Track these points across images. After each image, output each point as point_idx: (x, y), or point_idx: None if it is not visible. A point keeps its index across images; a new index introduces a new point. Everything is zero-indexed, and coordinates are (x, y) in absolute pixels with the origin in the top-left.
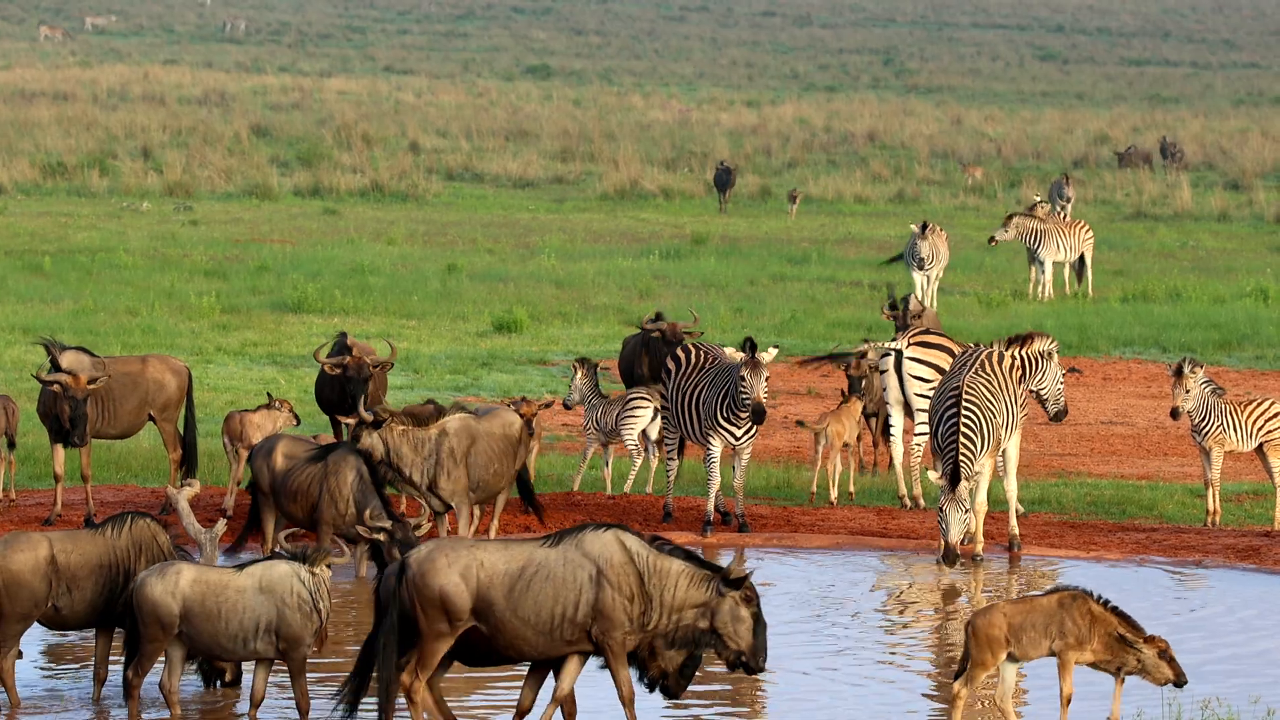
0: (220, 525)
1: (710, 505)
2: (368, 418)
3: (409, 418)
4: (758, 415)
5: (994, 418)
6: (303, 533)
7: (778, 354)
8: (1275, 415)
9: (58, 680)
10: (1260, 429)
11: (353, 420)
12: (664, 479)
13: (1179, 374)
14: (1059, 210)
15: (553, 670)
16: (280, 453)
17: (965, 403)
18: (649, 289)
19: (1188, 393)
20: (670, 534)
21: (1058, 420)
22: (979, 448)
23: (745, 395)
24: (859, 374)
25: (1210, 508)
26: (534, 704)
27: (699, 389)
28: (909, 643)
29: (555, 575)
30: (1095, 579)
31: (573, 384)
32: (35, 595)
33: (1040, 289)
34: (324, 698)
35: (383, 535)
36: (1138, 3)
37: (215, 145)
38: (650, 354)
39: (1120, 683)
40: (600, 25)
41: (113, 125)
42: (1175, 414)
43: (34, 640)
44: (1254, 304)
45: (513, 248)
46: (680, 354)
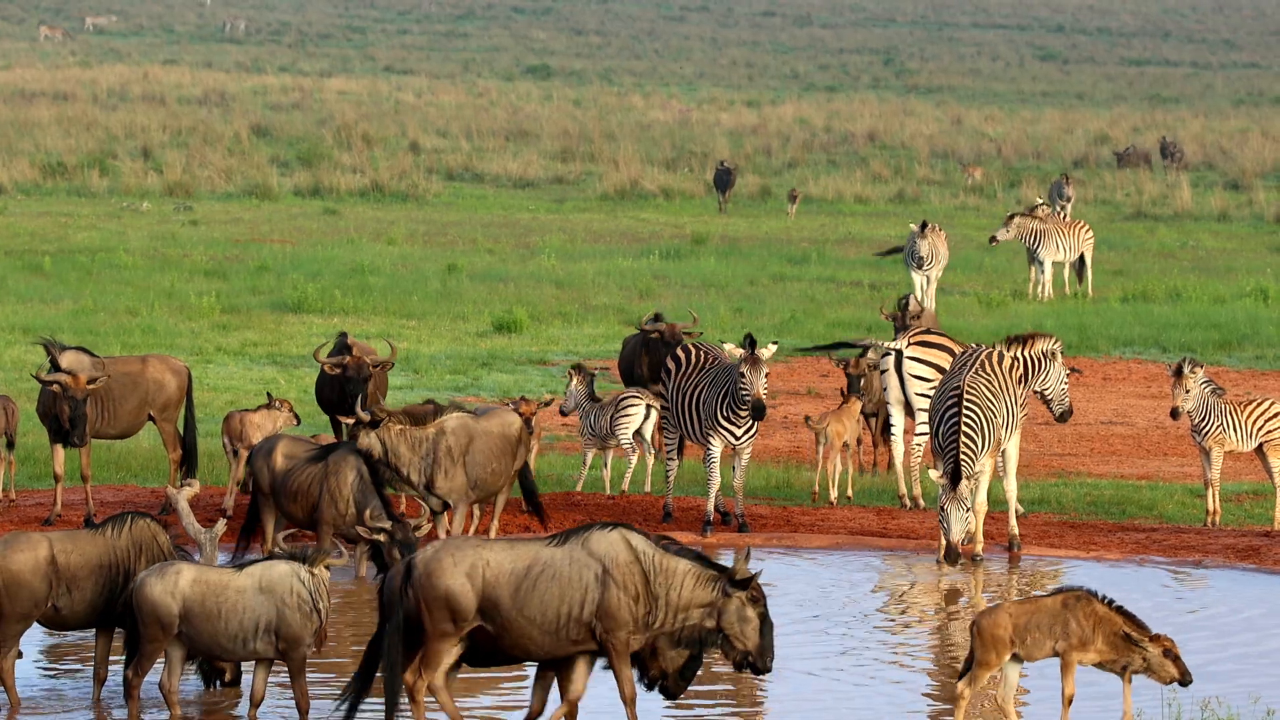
0: (220, 525)
1: (710, 505)
2: (365, 417)
3: (406, 417)
4: (757, 412)
5: (994, 417)
6: (302, 533)
7: (777, 350)
8: (1275, 415)
9: (58, 680)
10: (1260, 429)
11: (351, 420)
12: (662, 479)
13: (1179, 374)
14: (1059, 210)
15: (557, 678)
16: (280, 453)
17: (966, 402)
18: (649, 289)
19: (1188, 393)
20: (669, 534)
21: (1063, 420)
22: (980, 446)
23: (745, 392)
24: (858, 373)
25: (1210, 508)
26: (544, 707)
27: (699, 389)
28: (911, 643)
29: (561, 574)
30: (1095, 579)
31: (568, 390)
32: (35, 595)
33: (1040, 289)
34: (324, 698)
35: (383, 536)
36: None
37: (215, 145)
38: (650, 355)
39: (1128, 682)
40: (600, 25)
41: (113, 125)
42: (1175, 414)
43: (34, 640)
44: (1254, 304)
45: (513, 248)
46: (680, 354)
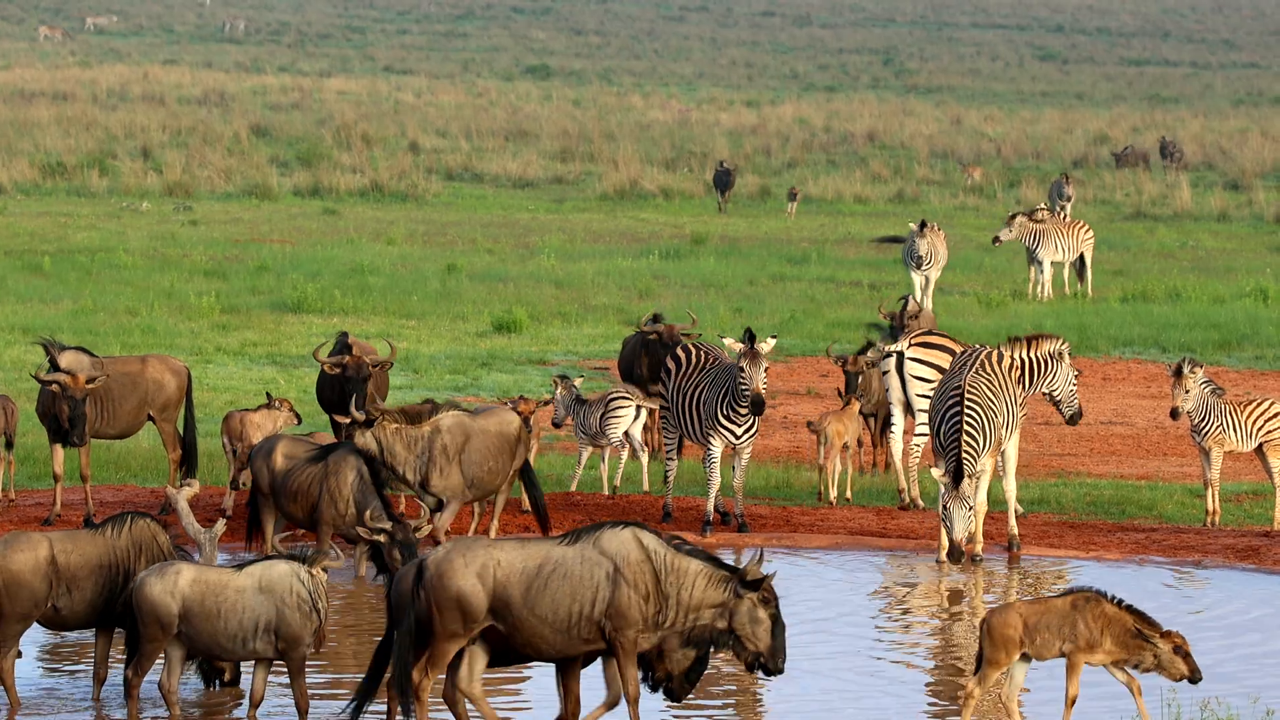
0: (220, 525)
1: (710, 505)
2: (359, 416)
3: (402, 416)
4: (756, 406)
5: (995, 416)
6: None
7: (775, 344)
8: (1275, 415)
9: (58, 680)
10: (1260, 429)
11: (346, 420)
12: (660, 479)
13: (1178, 374)
14: (1059, 210)
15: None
16: (280, 453)
17: (968, 401)
18: (649, 289)
19: (1187, 393)
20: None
21: (1073, 423)
22: (982, 445)
23: (744, 386)
24: (856, 370)
25: (1210, 508)
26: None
27: (699, 389)
28: (913, 642)
29: (573, 573)
30: (1095, 579)
31: (555, 400)
32: (35, 595)
33: (1039, 289)
34: (323, 698)
35: (383, 536)
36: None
37: (215, 145)
38: (649, 355)
39: (1139, 695)
40: (600, 25)
41: (112, 125)
42: (1175, 414)
43: (34, 640)
44: (1254, 304)
45: (512, 248)
46: (680, 354)
